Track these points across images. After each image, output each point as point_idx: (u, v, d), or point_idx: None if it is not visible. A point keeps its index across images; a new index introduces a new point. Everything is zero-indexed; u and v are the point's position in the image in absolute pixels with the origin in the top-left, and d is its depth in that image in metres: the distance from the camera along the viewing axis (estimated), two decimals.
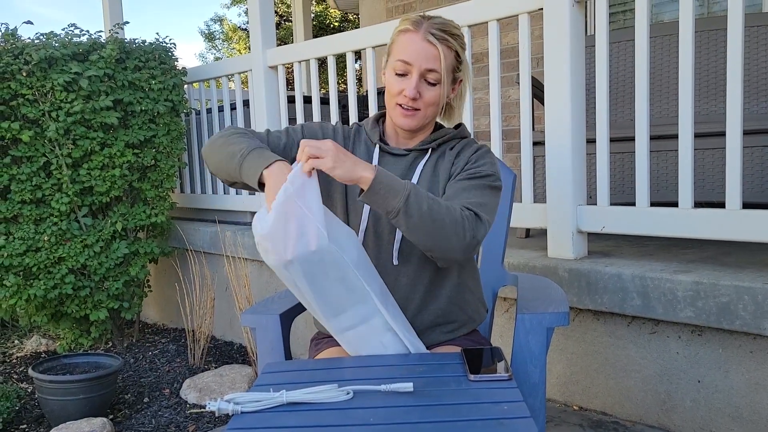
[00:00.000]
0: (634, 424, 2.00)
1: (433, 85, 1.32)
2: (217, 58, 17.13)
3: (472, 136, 1.52)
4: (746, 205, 1.84)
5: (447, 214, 1.21)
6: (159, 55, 3.36)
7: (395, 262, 1.37)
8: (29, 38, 3.03)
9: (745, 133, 2.13)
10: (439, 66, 1.30)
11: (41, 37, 3.05)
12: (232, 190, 3.52)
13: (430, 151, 1.42)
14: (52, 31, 3.09)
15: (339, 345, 1.43)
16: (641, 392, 2.00)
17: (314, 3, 12.43)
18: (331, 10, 13.45)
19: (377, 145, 1.43)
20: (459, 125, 1.47)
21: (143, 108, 3.24)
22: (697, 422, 1.88)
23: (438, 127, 1.47)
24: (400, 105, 1.34)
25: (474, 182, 1.32)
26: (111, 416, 2.53)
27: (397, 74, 1.33)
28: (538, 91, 2.57)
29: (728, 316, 1.74)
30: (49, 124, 2.95)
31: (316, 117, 3.01)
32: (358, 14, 6.95)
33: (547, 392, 2.23)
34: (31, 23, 3.26)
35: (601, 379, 2.08)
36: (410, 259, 1.38)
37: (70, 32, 3.12)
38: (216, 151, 1.35)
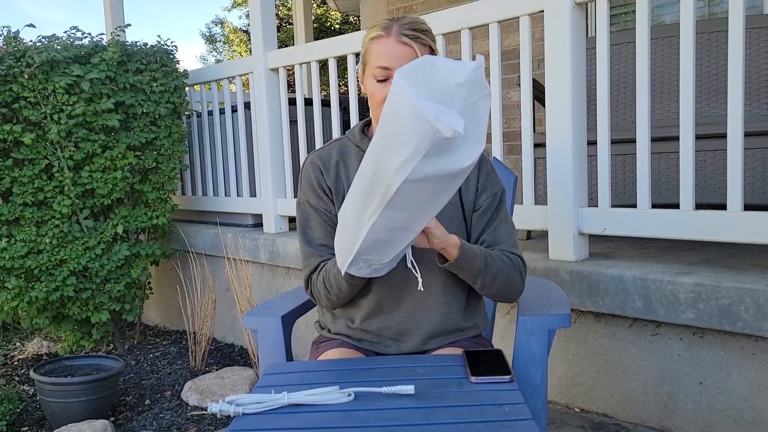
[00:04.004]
0: (636, 427, 2.00)
1: None
2: (218, 61, 17.15)
3: None
4: (748, 207, 1.84)
5: (509, 269, 1.37)
6: (160, 58, 3.36)
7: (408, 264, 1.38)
8: (31, 41, 3.03)
9: (747, 134, 2.13)
10: None
11: (43, 39, 3.06)
12: (233, 192, 3.52)
13: None
14: (54, 34, 3.09)
15: (340, 347, 1.43)
16: (643, 394, 1.99)
17: (315, 6, 12.45)
18: (332, 13, 13.47)
19: None
20: None
21: (145, 110, 3.24)
22: (698, 424, 1.88)
23: None
24: None
25: (500, 214, 1.44)
26: (112, 418, 2.53)
27: (378, 81, 1.34)
28: (539, 93, 2.57)
29: (730, 317, 1.74)
30: (51, 126, 2.96)
31: (317, 119, 3.01)
32: (359, 16, 6.96)
33: (549, 394, 2.22)
34: (33, 26, 3.27)
35: (603, 381, 2.08)
36: (423, 263, 1.38)
37: (72, 35, 3.13)
38: (333, 299, 1.41)
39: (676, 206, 1.96)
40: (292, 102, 3.27)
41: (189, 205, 3.91)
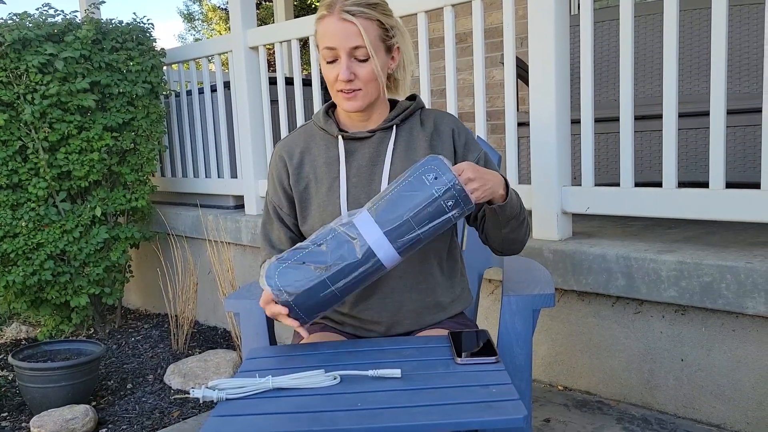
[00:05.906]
0: (618, 403, 2.02)
1: (365, 60, 1.31)
2: (196, 39, 16.88)
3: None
4: (729, 185, 1.85)
5: (526, 214, 1.36)
6: (136, 36, 3.28)
7: None
8: (2, 18, 2.94)
9: (729, 112, 2.13)
10: (362, 41, 1.28)
11: (14, 17, 2.97)
12: (214, 173, 3.47)
13: (394, 128, 1.40)
14: (26, 12, 3.00)
15: (323, 331, 1.42)
16: (625, 371, 2.01)
17: None
18: None
19: (339, 136, 1.40)
20: (414, 96, 1.46)
21: (121, 90, 3.17)
22: (680, 400, 1.90)
23: (393, 102, 1.46)
24: (341, 90, 1.33)
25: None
26: (94, 403, 2.50)
27: (327, 62, 1.32)
28: (522, 72, 2.55)
29: (711, 295, 1.75)
30: (25, 107, 2.88)
31: (298, 99, 2.97)
32: None
33: (533, 373, 2.24)
34: (4, 2, 3.17)
35: (586, 359, 2.10)
36: None
37: (45, 12, 3.04)
38: None
39: (659, 184, 1.96)
40: (272, 81, 3.22)
41: (169, 187, 3.85)
